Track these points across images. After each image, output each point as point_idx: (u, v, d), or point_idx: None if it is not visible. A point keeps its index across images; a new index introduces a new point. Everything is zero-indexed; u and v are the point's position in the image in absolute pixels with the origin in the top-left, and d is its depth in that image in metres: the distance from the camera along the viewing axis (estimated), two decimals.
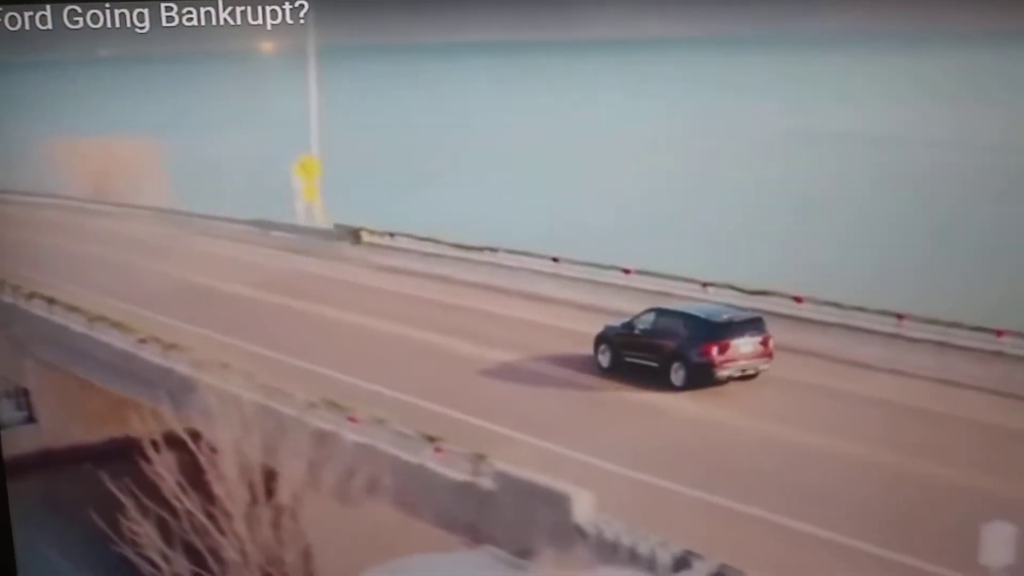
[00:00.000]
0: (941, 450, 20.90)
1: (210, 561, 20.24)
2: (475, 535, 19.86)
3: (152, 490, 21.00)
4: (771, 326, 25.49)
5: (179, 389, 24.48)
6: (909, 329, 26.35)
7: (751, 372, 24.99)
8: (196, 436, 22.10)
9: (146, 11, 25.44)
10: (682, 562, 17.09)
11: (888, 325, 26.70)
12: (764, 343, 25.02)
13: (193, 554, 20.31)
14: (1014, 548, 14.93)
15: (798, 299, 28.47)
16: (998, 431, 21.79)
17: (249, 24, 27.05)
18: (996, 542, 15.01)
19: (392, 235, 40.65)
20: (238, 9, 25.23)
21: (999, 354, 24.90)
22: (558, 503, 18.62)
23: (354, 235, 41.54)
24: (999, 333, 25.11)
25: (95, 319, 30.66)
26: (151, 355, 28.07)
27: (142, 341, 28.69)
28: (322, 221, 43.49)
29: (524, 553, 18.40)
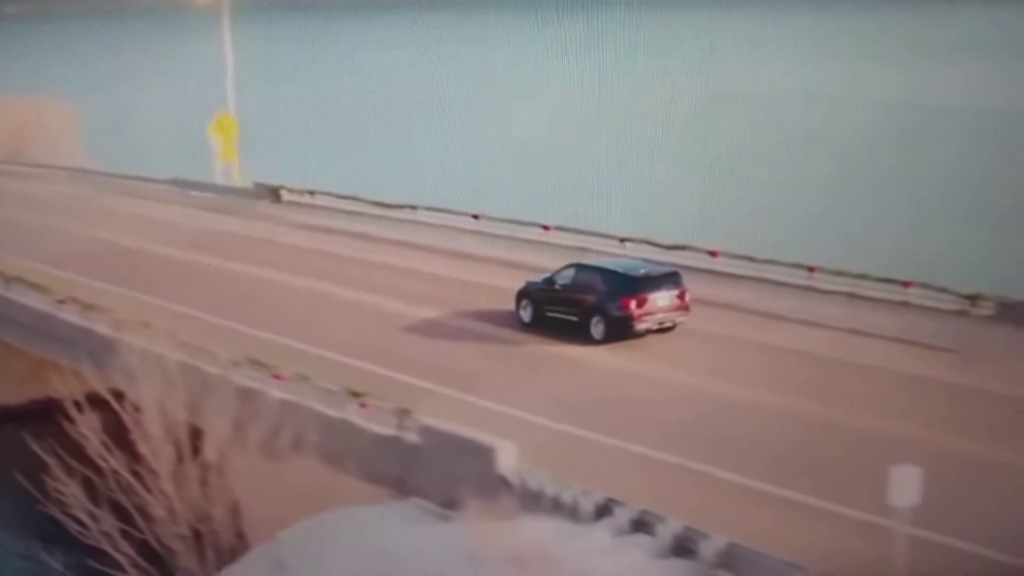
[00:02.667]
0: (852, 398, 21.59)
1: (137, 519, 20.22)
2: (401, 488, 20.09)
3: (76, 450, 20.89)
4: (687, 280, 25.99)
5: (100, 349, 24.31)
6: (820, 281, 27.10)
7: (668, 325, 25.51)
8: (120, 396, 22.00)
9: None
10: (604, 509, 17.47)
11: (800, 277, 27.43)
12: (681, 296, 25.52)
13: (120, 512, 20.27)
14: (920, 489, 15.48)
15: (713, 253, 29.08)
16: (905, 378, 22.56)
17: None
18: (903, 484, 15.54)
19: (312, 193, 40.52)
20: None
21: (905, 304, 25.73)
22: (482, 455, 18.90)
23: (274, 194, 41.31)
24: (906, 284, 25.94)
25: (11, 280, 30.23)
26: (70, 316, 27.79)
27: (61, 302, 28.38)
28: (241, 180, 43.19)
29: (450, 504, 18.63)
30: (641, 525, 17.07)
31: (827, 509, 17.37)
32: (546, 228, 32.91)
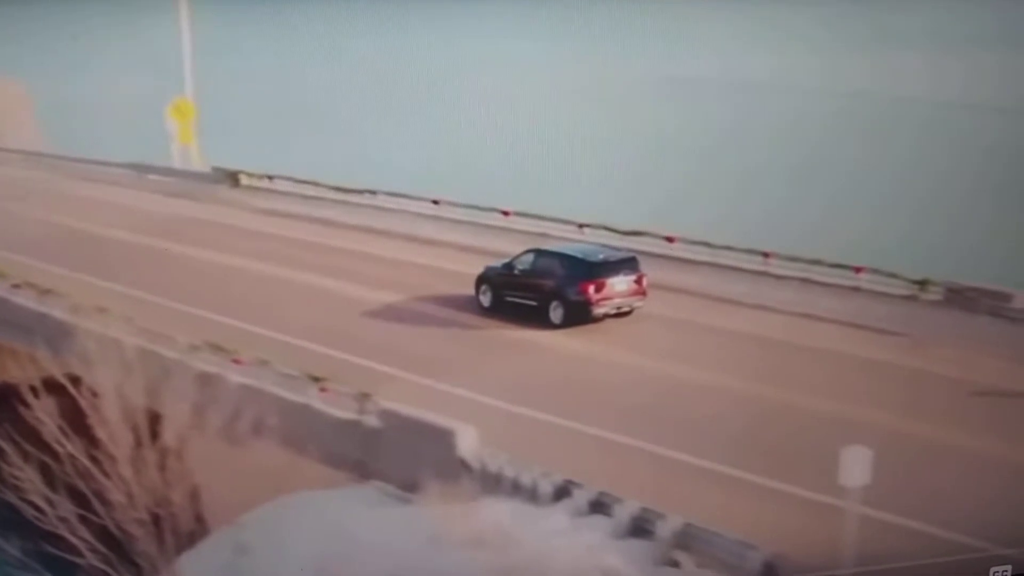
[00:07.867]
0: (805, 380, 21.95)
1: (96, 504, 20.13)
2: (362, 471, 20.20)
3: (33, 435, 20.76)
4: (645, 265, 26.30)
5: (57, 334, 24.14)
6: (775, 266, 27.48)
7: (626, 309, 25.81)
8: (76, 381, 21.87)
9: None
10: (563, 491, 17.72)
11: (755, 263, 27.79)
12: (638, 281, 25.85)
13: (78, 497, 20.18)
14: (870, 469, 15.81)
15: (670, 239, 29.38)
16: (856, 361, 22.97)
17: None
18: (853, 465, 15.86)
19: (271, 178, 40.33)
20: None
21: (856, 289, 26.17)
22: (443, 438, 19.07)
23: (232, 178, 41.08)
24: (857, 270, 26.37)
25: None
26: (26, 300, 27.57)
27: (16, 287, 28.14)
28: (199, 164, 42.89)
29: (411, 487, 18.79)
30: (599, 506, 17.36)
31: (781, 489, 17.71)
32: (506, 214, 33.06)
